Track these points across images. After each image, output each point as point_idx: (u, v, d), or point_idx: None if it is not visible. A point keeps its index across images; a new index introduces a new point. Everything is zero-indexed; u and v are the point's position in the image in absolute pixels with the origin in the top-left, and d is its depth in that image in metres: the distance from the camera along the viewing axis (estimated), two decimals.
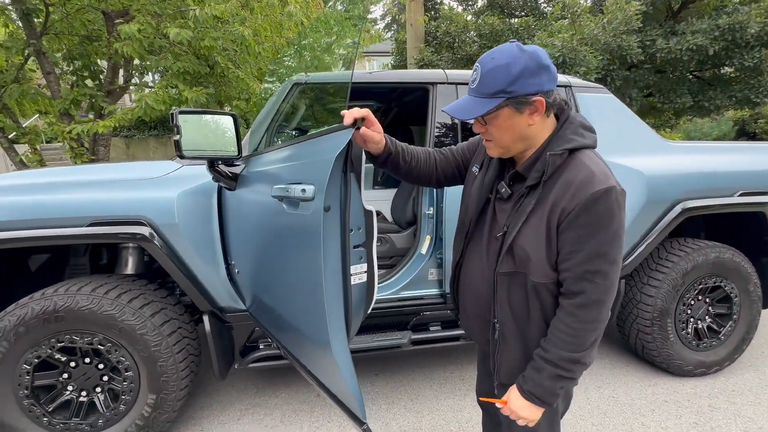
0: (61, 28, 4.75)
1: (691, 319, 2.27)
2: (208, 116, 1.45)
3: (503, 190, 0.96)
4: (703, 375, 2.28)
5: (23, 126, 4.95)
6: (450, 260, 1.48)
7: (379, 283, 2.10)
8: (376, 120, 0.98)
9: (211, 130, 1.46)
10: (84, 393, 1.69)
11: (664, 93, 6.10)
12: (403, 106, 2.87)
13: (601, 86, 2.31)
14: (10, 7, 4.35)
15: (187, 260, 1.68)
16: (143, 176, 1.69)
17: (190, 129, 1.37)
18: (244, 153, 1.68)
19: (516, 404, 0.90)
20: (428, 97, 2.06)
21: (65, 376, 1.67)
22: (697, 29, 5.24)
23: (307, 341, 1.11)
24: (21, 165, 4.90)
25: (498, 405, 0.94)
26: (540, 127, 0.89)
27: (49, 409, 1.65)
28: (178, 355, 1.71)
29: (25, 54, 4.46)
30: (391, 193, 2.82)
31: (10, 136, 4.96)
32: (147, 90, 4.67)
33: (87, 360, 1.68)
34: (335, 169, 0.87)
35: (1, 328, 1.55)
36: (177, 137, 1.31)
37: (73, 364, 1.67)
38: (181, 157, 1.34)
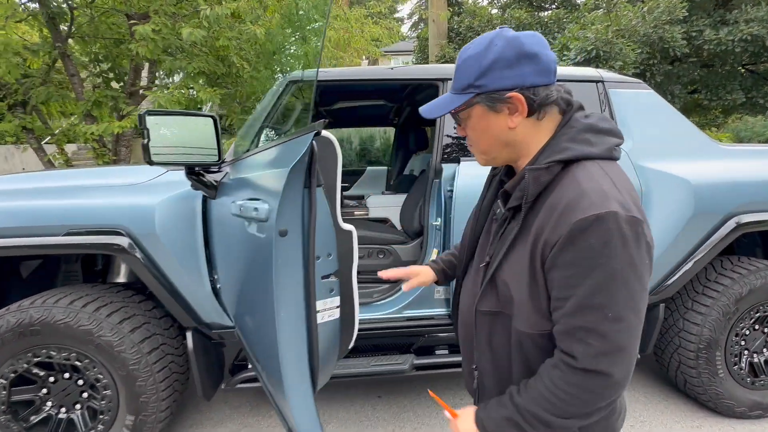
0: (87, 31, 4.85)
1: (746, 353, 1.94)
2: (184, 118, 1.31)
3: (498, 210, 0.77)
4: (760, 418, 1.95)
5: (50, 127, 5.12)
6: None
7: (380, 301, 1.93)
8: (419, 268, 0.93)
9: (187, 133, 1.31)
10: (63, 410, 1.61)
11: (712, 89, 5.56)
12: (414, 105, 2.67)
13: (640, 81, 2.02)
14: (38, 11, 4.47)
15: (168, 273, 1.56)
16: (124, 182, 1.58)
17: (163, 132, 1.23)
18: (231, 158, 1.54)
19: (463, 425, 0.73)
20: (438, 95, 1.86)
21: (44, 391, 1.59)
22: (752, 17, 4.71)
23: (272, 380, 0.95)
24: (49, 165, 5.06)
25: (447, 415, 0.78)
26: (529, 132, 0.70)
27: (26, 426, 1.57)
28: (158, 374, 1.59)
29: (52, 57, 4.58)
30: (401, 198, 2.63)
31: (45, 140, 5.13)
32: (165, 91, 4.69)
33: (66, 375, 1.59)
34: (291, 184, 0.70)
35: None
36: (145, 141, 1.17)
37: (52, 379, 1.58)
38: (150, 163, 1.20)
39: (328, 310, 0.79)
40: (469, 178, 1.74)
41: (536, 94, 0.66)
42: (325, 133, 0.82)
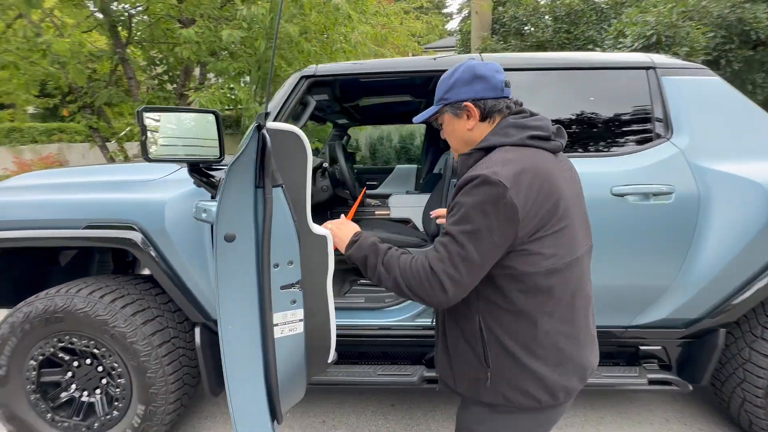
0: (144, 37, 5.23)
1: None
2: (185, 114, 1.30)
3: None
4: None
5: (113, 126, 5.59)
6: None
7: (391, 306, 1.83)
8: None
9: (188, 130, 1.31)
10: (85, 393, 1.70)
11: None
12: None
13: (703, 67, 1.73)
14: (103, 21, 4.88)
15: (177, 268, 1.58)
16: (139, 179, 1.62)
17: (162, 129, 1.23)
18: None
19: (341, 230, 0.91)
20: None
21: (69, 375, 1.68)
22: None
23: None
24: (110, 161, 5.54)
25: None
26: (482, 133, 0.95)
27: (53, 406, 1.68)
28: (168, 367, 1.62)
29: (113, 62, 4.99)
30: (425, 198, 2.50)
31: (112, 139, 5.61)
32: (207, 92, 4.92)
33: (88, 361, 1.67)
34: (234, 183, 0.63)
35: (11, 323, 1.60)
36: (142, 138, 1.18)
37: (75, 364, 1.67)
38: (147, 160, 1.20)
39: (288, 323, 0.72)
40: None
41: (485, 104, 0.92)
42: (290, 127, 0.75)
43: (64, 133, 9.53)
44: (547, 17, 5.13)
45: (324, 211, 2.65)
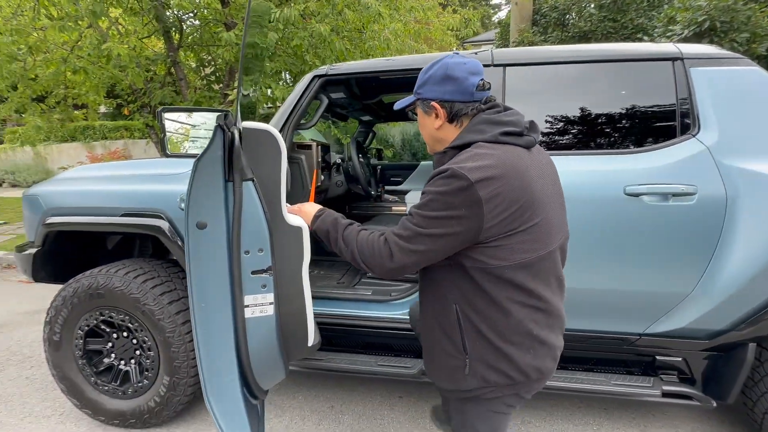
0: (194, 41, 5.63)
1: None
2: (200, 114, 1.42)
3: None
4: None
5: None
6: None
7: (397, 300, 1.87)
8: None
9: (204, 128, 1.43)
10: (122, 362, 1.92)
11: None
12: None
13: (740, 56, 1.58)
14: (158, 27, 5.32)
15: None
16: (169, 172, 1.79)
17: (180, 127, 1.36)
18: None
19: (306, 206, 0.99)
20: None
21: (109, 345, 1.91)
22: None
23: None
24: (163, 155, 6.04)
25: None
26: (450, 133, 0.96)
27: (96, 371, 1.91)
28: (189, 344, 1.78)
29: (167, 65, 5.43)
30: None
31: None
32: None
33: (124, 334, 1.88)
34: (203, 177, 0.71)
35: (63, 296, 1.84)
36: (162, 135, 1.31)
37: (115, 335, 1.89)
38: (165, 155, 1.34)
39: (259, 305, 0.79)
40: None
41: (452, 107, 0.93)
42: (263, 126, 0.81)
43: (128, 131, 10.51)
44: (591, 6, 4.82)
45: (342, 206, 2.74)
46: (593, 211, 1.49)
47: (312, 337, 0.96)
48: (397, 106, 1.07)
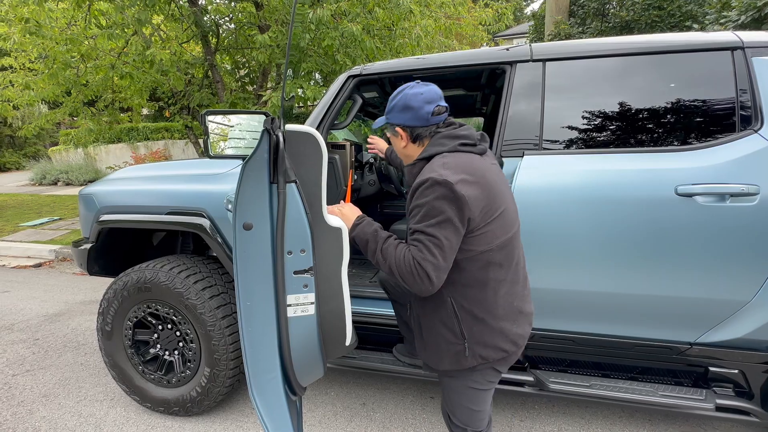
0: (230, 44, 5.83)
1: None
2: (240, 116, 1.47)
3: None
4: None
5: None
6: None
7: None
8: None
9: (243, 130, 1.47)
10: (167, 352, 2.02)
11: None
12: (498, 93, 2.44)
13: None
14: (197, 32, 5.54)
15: None
16: (210, 172, 1.86)
17: (221, 129, 1.41)
18: None
19: (347, 210, 1.11)
20: (504, 81, 1.66)
21: (155, 336, 2.02)
22: None
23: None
24: (202, 155, 6.31)
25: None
26: (415, 151, 1.17)
27: (143, 360, 2.03)
28: (228, 337, 1.85)
29: (204, 68, 5.65)
30: None
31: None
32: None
33: (169, 326, 1.98)
34: (249, 179, 0.72)
35: (114, 289, 1.96)
36: (205, 138, 1.36)
37: (160, 327, 2.00)
38: (209, 157, 1.39)
39: (300, 305, 0.80)
40: (531, 175, 1.52)
41: (413, 131, 1.14)
42: (306, 129, 0.82)
43: (168, 132, 11.04)
44: None
45: (374, 205, 2.75)
46: (641, 212, 1.41)
47: (350, 336, 0.97)
48: (374, 126, 1.30)
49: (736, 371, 1.52)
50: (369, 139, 2.02)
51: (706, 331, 1.48)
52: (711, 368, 1.54)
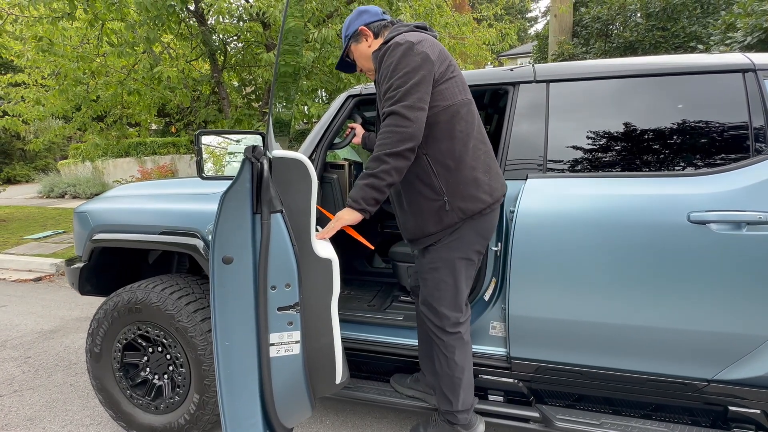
0: (237, 61, 5.92)
1: None
2: (235, 136, 1.44)
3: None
4: None
5: None
6: (512, 312, 1.54)
7: None
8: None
9: (237, 150, 1.44)
10: (156, 376, 1.94)
11: None
12: (501, 112, 2.40)
13: None
14: (204, 51, 5.65)
15: None
16: (203, 192, 1.83)
17: (214, 150, 1.37)
18: None
19: (340, 212, 1.09)
20: (507, 102, 1.63)
21: (145, 359, 1.94)
22: None
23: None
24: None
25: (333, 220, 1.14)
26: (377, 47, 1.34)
27: (132, 384, 1.95)
28: None
29: (211, 85, 5.73)
30: None
31: None
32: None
33: (159, 349, 1.92)
34: (229, 210, 0.68)
35: (105, 309, 1.90)
36: (197, 158, 1.33)
37: (150, 350, 1.93)
38: (201, 177, 1.35)
39: (284, 344, 0.74)
40: (536, 199, 1.46)
41: (374, 26, 1.36)
42: (294, 155, 0.78)
43: (175, 146, 11.19)
44: (638, 15, 4.56)
45: (374, 224, 2.70)
46: (652, 239, 1.35)
47: (340, 374, 0.90)
48: (337, 66, 1.51)
49: (758, 411, 1.42)
50: (349, 125, 2.04)
51: (725, 368, 1.38)
52: (731, 407, 1.44)
